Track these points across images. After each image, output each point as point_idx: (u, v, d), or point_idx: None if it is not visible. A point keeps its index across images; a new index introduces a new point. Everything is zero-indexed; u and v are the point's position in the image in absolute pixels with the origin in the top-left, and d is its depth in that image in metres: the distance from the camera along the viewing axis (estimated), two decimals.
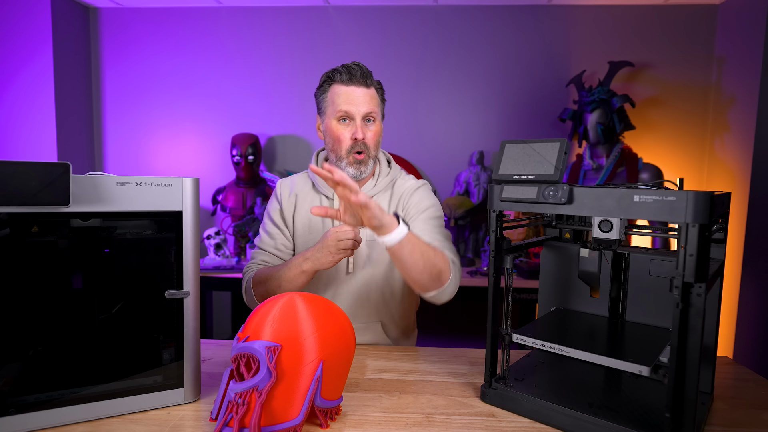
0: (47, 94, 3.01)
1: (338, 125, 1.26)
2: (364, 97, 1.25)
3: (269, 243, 1.36)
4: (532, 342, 0.97)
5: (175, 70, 3.27)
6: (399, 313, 1.41)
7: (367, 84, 1.26)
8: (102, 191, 0.87)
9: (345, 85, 1.25)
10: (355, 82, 1.25)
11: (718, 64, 2.97)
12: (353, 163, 1.27)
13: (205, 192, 3.20)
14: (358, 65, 1.26)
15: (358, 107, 1.24)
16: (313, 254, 1.17)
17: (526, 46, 3.13)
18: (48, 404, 0.86)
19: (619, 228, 1.03)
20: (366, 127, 1.27)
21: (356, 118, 1.25)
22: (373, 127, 1.28)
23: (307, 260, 1.18)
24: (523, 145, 0.94)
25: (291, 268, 1.21)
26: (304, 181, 1.40)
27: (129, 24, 3.25)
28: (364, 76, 1.26)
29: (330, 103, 1.27)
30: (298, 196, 1.37)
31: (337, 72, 1.26)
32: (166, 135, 3.32)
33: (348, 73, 1.25)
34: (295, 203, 1.37)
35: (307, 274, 1.20)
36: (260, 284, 1.27)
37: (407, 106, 3.20)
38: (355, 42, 3.19)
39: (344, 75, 1.25)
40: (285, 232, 1.37)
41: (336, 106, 1.26)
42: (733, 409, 0.99)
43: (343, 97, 1.25)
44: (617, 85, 2.98)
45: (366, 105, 1.25)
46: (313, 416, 0.89)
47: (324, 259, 1.15)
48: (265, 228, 1.39)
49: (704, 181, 3.08)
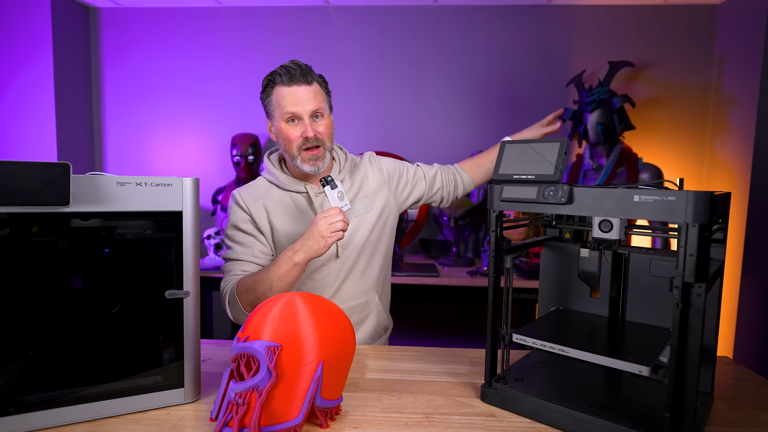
0: (47, 94, 3.01)
1: (287, 126, 1.28)
2: (308, 95, 1.26)
3: (244, 252, 1.32)
4: (532, 342, 0.97)
5: (175, 70, 3.27)
6: (385, 277, 1.50)
7: (308, 81, 1.27)
8: (102, 191, 0.87)
9: (287, 86, 1.26)
10: (296, 82, 1.26)
11: (718, 64, 2.97)
12: (307, 159, 1.29)
13: (205, 192, 3.20)
14: (297, 63, 1.28)
15: (303, 107, 1.26)
16: (304, 244, 1.17)
17: (526, 45, 3.13)
18: (48, 404, 0.86)
19: (619, 228, 1.03)
20: (315, 123, 1.28)
21: (304, 117, 1.27)
22: (323, 121, 1.30)
23: (298, 252, 1.18)
24: (523, 145, 0.95)
25: (281, 265, 1.19)
26: (263, 186, 1.38)
27: (129, 24, 3.25)
28: (304, 73, 1.27)
29: (276, 106, 1.29)
30: (266, 200, 1.35)
31: (277, 74, 1.27)
32: (166, 135, 3.32)
33: (288, 74, 1.26)
34: (265, 208, 1.34)
35: (300, 266, 1.20)
36: (247, 292, 1.23)
37: (407, 106, 3.20)
38: (355, 42, 3.19)
39: (284, 76, 1.26)
40: (260, 239, 1.34)
41: (282, 109, 1.27)
42: (733, 409, 0.99)
43: (287, 99, 1.26)
44: (617, 85, 2.98)
45: (311, 103, 1.26)
46: (313, 416, 0.89)
47: (316, 245, 1.16)
48: (234, 239, 1.35)
49: (704, 181, 3.08)
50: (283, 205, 1.36)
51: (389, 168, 1.49)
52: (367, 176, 1.45)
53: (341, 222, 1.16)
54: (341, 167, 1.42)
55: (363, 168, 1.46)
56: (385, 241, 1.46)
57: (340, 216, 1.16)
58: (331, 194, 1.22)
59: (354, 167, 1.46)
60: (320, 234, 1.15)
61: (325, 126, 1.30)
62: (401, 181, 1.50)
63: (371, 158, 1.50)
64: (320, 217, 1.16)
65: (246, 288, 1.24)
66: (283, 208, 1.35)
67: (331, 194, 1.22)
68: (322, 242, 1.16)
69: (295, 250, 1.19)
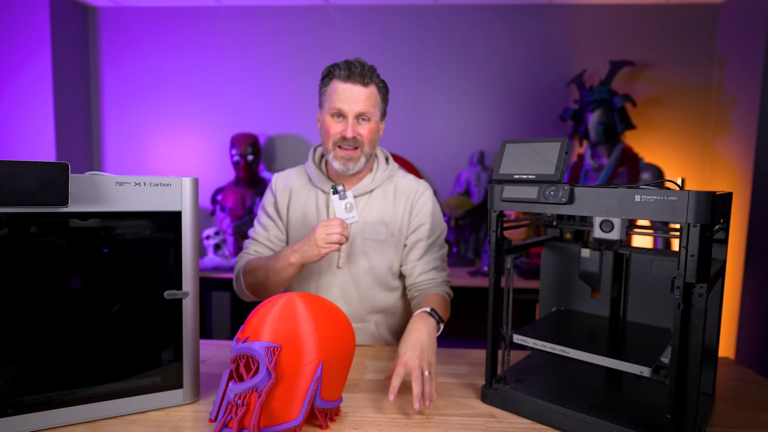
0: (46, 94, 3.00)
1: (331, 120, 1.27)
2: (360, 96, 1.24)
3: (262, 234, 1.38)
4: (533, 342, 0.97)
5: (174, 69, 3.26)
6: (391, 313, 1.41)
7: (365, 83, 1.25)
8: (101, 191, 0.87)
9: (343, 82, 1.24)
10: (352, 80, 1.24)
11: (720, 63, 2.97)
12: (339, 158, 1.27)
13: (204, 192, 3.20)
14: (360, 62, 1.25)
15: (351, 106, 1.24)
16: (300, 247, 1.18)
17: (526, 45, 3.12)
18: (47, 405, 0.85)
19: (620, 228, 1.02)
20: (359, 126, 1.26)
21: (348, 117, 1.24)
22: (367, 125, 1.27)
23: (294, 253, 1.18)
24: (524, 144, 0.94)
25: (279, 259, 1.22)
26: (300, 175, 1.41)
27: (128, 23, 3.25)
28: (363, 74, 1.24)
29: (327, 98, 1.28)
30: (293, 189, 1.38)
31: (338, 67, 1.26)
32: (165, 134, 3.31)
33: (347, 69, 1.24)
34: (289, 196, 1.38)
35: (294, 267, 1.20)
36: (250, 274, 1.29)
37: (407, 106, 3.20)
38: (354, 41, 3.18)
39: (343, 71, 1.24)
40: (278, 224, 1.38)
41: (331, 102, 1.26)
42: (735, 410, 0.99)
43: (339, 94, 1.24)
44: (618, 85, 2.97)
45: (360, 104, 1.24)
46: (312, 417, 0.89)
47: (310, 252, 1.15)
48: (259, 220, 1.41)
49: (706, 181, 3.07)
50: (306, 198, 1.36)
51: (433, 227, 1.35)
52: (407, 205, 1.35)
53: (338, 235, 1.12)
54: (375, 176, 1.35)
55: (412, 196, 1.35)
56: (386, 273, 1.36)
57: (339, 228, 1.12)
58: (338, 204, 1.18)
59: (393, 183, 1.36)
60: (316, 242, 1.14)
61: (368, 130, 1.26)
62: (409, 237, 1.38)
63: (427, 196, 1.37)
64: (321, 225, 1.14)
65: (249, 270, 1.29)
66: (304, 201, 1.36)
67: (338, 204, 1.18)
68: (316, 250, 1.14)
69: (293, 250, 1.19)
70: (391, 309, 1.40)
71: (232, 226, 2.94)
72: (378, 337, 1.39)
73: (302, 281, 1.37)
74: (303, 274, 1.36)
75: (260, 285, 1.27)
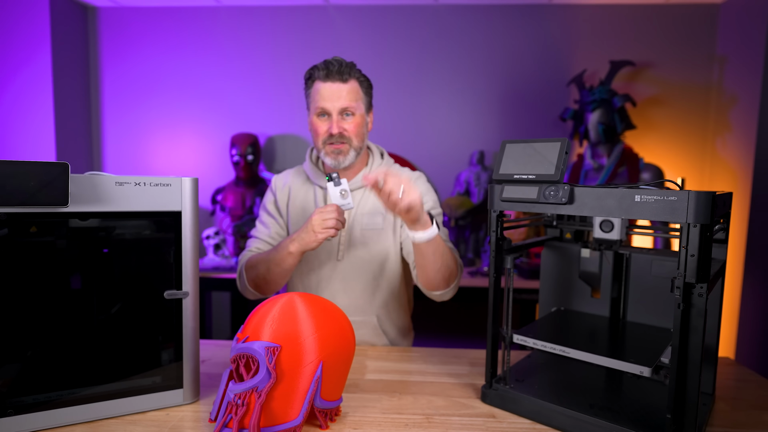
0: (46, 94, 3.00)
1: (317, 120, 1.31)
2: (341, 93, 1.27)
3: (264, 231, 1.42)
4: (533, 342, 0.97)
5: (174, 69, 3.26)
6: (393, 307, 1.42)
7: (344, 79, 1.28)
8: (101, 191, 0.87)
9: (323, 81, 1.28)
10: (332, 78, 1.27)
11: (720, 63, 2.97)
12: (330, 153, 1.30)
13: (204, 192, 3.20)
14: (338, 60, 1.29)
15: (333, 103, 1.27)
16: (299, 235, 1.20)
17: (526, 45, 3.12)
18: (47, 405, 0.85)
19: (620, 228, 1.02)
20: (343, 121, 1.29)
21: (333, 114, 1.28)
22: (352, 120, 1.30)
23: (293, 241, 1.21)
24: (524, 144, 0.94)
25: (279, 250, 1.24)
26: (298, 174, 1.46)
27: (128, 23, 3.25)
28: (341, 71, 1.27)
29: (312, 100, 1.32)
30: (292, 187, 1.43)
31: (317, 68, 1.30)
32: (165, 134, 3.31)
33: (326, 69, 1.28)
34: (288, 193, 1.43)
35: (294, 256, 1.22)
36: (252, 269, 1.31)
37: (407, 106, 3.20)
38: (354, 41, 3.18)
39: (322, 71, 1.28)
40: (279, 221, 1.43)
41: (315, 103, 1.30)
42: (735, 410, 0.99)
43: (321, 94, 1.28)
44: (618, 85, 2.97)
45: (342, 100, 1.27)
46: (312, 417, 0.89)
47: (308, 238, 1.18)
48: (260, 219, 1.45)
49: (706, 181, 3.07)
50: (305, 195, 1.41)
51: (434, 211, 1.36)
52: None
53: (334, 219, 1.16)
54: (370, 170, 1.39)
55: None
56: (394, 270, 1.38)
57: (334, 213, 1.16)
58: (333, 191, 1.21)
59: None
60: (312, 228, 1.17)
61: (354, 125, 1.29)
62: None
63: (422, 183, 1.41)
64: (317, 211, 1.18)
65: (251, 265, 1.32)
66: (303, 197, 1.41)
67: (333, 191, 1.21)
68: (313, 236, 1.17)
69: (291, 239, 1.21)
70: (394, 302, 1.42)
71: (232, 226, 2.94)
72: (381, 332, 1.40)
73: (303, 274, 1.40)
74: (304, 268, 1.39)
75: (262, 278, 1.29)
